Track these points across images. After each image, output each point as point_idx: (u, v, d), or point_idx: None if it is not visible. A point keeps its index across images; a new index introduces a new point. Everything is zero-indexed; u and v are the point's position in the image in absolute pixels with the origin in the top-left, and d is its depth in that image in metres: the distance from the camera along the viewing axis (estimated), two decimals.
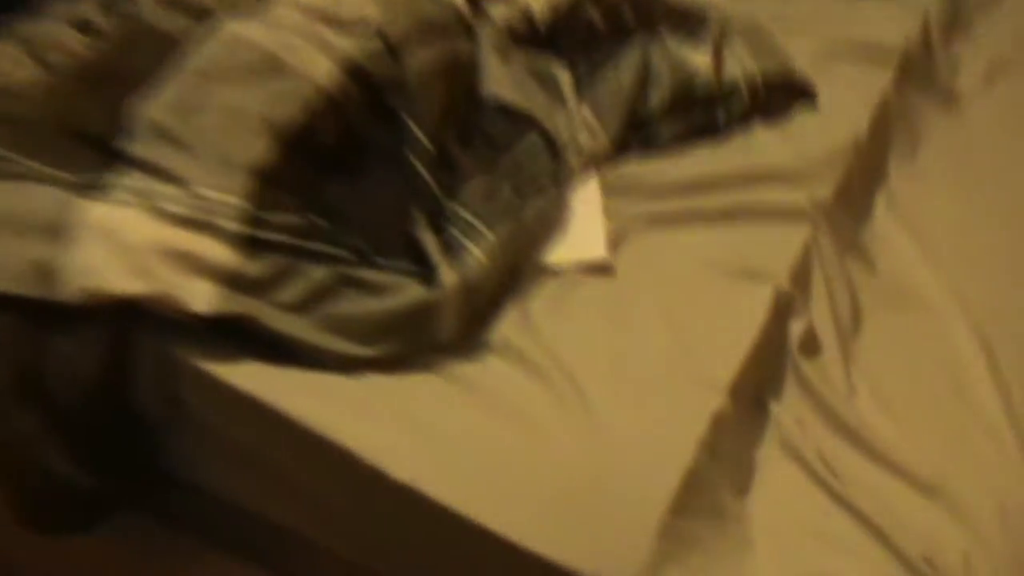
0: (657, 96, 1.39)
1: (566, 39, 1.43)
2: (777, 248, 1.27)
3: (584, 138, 1.34)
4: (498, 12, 1.43)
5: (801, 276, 1.26)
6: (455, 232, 1.20)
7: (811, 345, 1.23)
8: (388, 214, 1.22)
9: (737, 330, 1.18)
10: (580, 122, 1.35)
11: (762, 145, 1.39)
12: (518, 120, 1.32)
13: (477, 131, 1.31)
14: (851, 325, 1.29)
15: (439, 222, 1.22)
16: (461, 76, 1.34)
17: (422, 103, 1.28)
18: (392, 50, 1.29)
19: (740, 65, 1.43)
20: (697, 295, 1.21)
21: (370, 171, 1.25)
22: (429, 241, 1.18)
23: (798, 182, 1.34)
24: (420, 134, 1.26)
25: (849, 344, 1.26)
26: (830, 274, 1.29)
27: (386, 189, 1.24)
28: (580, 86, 1.39)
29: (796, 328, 1.22)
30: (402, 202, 1.23)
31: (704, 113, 1.41)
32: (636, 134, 1.38)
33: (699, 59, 1.43)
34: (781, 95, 1.44)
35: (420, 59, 1.30)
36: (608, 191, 1.32)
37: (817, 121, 1.43)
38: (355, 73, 1.26)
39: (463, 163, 1.27)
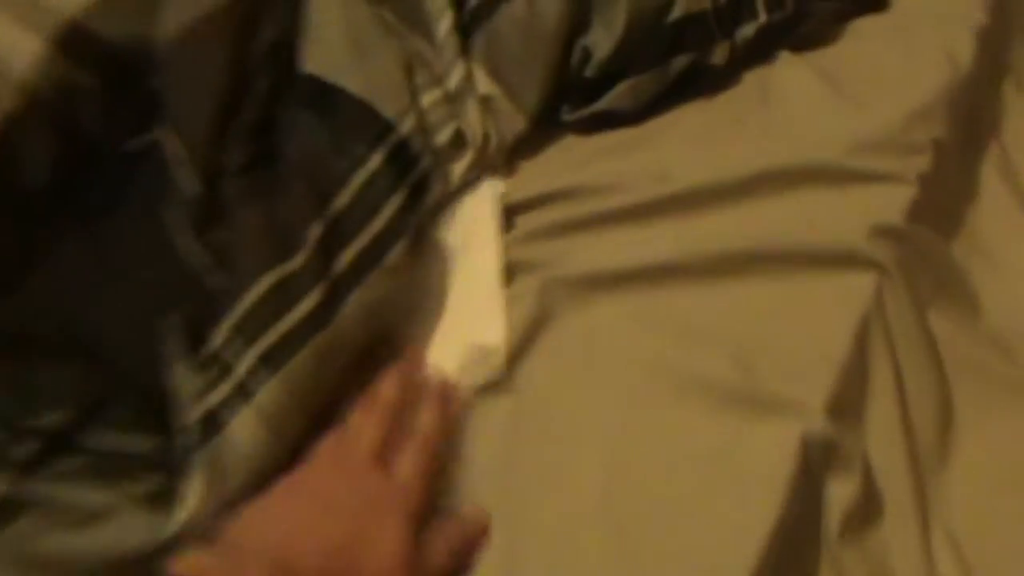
0: (600, 35, 0.79)
1: None
2: (806, 333, 0.71)
3: (472, 122, 0.76)
4: None
5: (852, 379, 0.71)
6: (223, 363, 0.66)
7: (863, 512, 0.69)
8: (129, 320, 0.68)
9: (725, 517, 0.64)
10: (464, 91, 0.77)
11: (791, 106, 0.80)
12: (340, 108, 0.74)
13: (275, 133, 0.75)
14: (936, 439, 0.74)
15: (204, 332, 0.67)
16: (252, 31, 0.76)
17: (184, 95, 0.73)
18: None
19: None
20: (665, 439, 0.67)
21: (110, 226, 0.71)
22: (183, 387, 0.65)
23: (856, 179, 0.76)
24: (182, 157, 0.70)
25: (928, 483, 0.72)
26: (901, 352, 0.74)
27: (137, 261, 0.71)
28: (466, 20, 0.79)
29: (839, 491, 0.68)
30: (154, 292, 0.70)
31: (693, 45, 0.81)
32: (570, 96, 0.80)
33: None
34: (825, 3, 0.84)
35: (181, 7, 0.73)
36: (519, 218, 0.76)
37: (890, 48, 0.83)
38: (78, 44, 0.70)
39: (242, 204, 0.71)
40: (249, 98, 0.74)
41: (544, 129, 0.79)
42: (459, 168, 0.75)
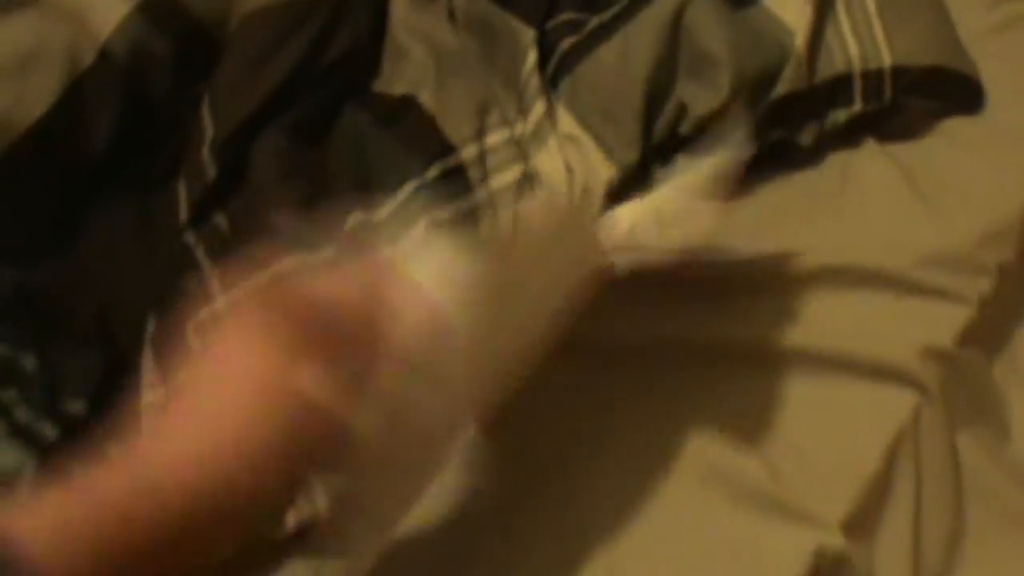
0: (699, 90, 0.78)
1: None
2: (838, 445, 0.72)
3: (551, 159, 0.76)
4: None
5: (873, 496, 0.72)
6: None
7: None
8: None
9: None
10: (543, 132, 0.77)
11: (869, 202, 0.80)
12: (408, 118, 0.75)
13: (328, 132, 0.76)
14: (942, 560, 0.76)
15: None
16: (327, 34, 0.76)
17: (232, 75, 0.73)
18: None
19: (858, 40, 0.81)
20: (682, 527, 0.69)
21: (156, 202, 0.73)
22: None
23: (919, 293, 0.77)
24: (210, 137, 0.72)
25: None
26: (925, 473, 0.75)
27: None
28: (555, 65, 0.79)
29: None
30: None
31: (788, 122, 0.81)
32: (660, 151, 0.80)
33: (795, 13, 0.81)
34: (920, 100, 0.83)
35: None
36: None
37: (977, 157, 0.82)
38: (162, 11, 0.71)
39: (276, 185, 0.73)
40: (304, 97, 0.75)
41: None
42: (533, 207, 0.75)
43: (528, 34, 0.78)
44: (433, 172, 0.72)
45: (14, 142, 0.70)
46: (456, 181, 0.73)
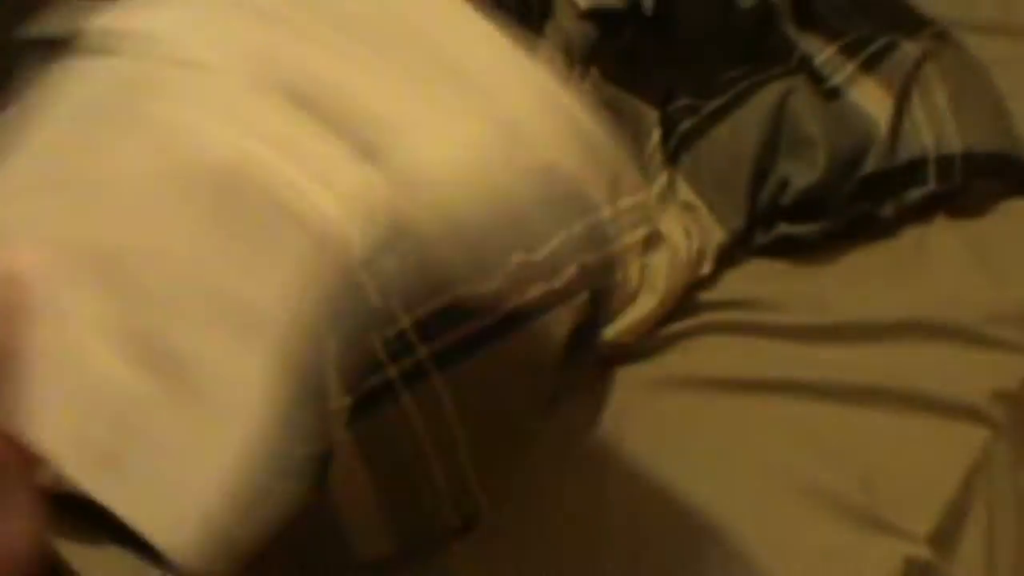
0: (798, 167, 0.92)
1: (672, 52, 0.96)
2: (923, 470, 0.84)
3: (671, 221, 0.89)
4: None
5: (953, 515, 0.84)
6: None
7: None
8: None
9: None
10: (666, 198, 0.90)
11: (941, 267, 0.93)
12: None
13: None
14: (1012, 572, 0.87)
15: None
16: None
17: None
18: None
19: (934, 127, 0.95)
20: (784, 533, 0.81)
21: None
22: None
23: (987, 344, 0.89)
24: None
25: None
26: (996, 499, 0.87)
27: None
28: (676, 142, 0.92)
29: None
30: None
31: (874, 196, 0.94)
32: (762, 220, 0.93)
33: (878, 105, 0.95)
34: (984, 182, 0.96)
35: None
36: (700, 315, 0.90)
37: None
38: None
39: None
40: None
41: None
42: (658, 263, 0.88)
43: (652, 115, 0.92)
44: (579, 226, 0.85)
45: None
46: (596, 236, 0.86)
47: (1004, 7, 1.09)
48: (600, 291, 0.86)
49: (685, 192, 0.91)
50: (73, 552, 0.70)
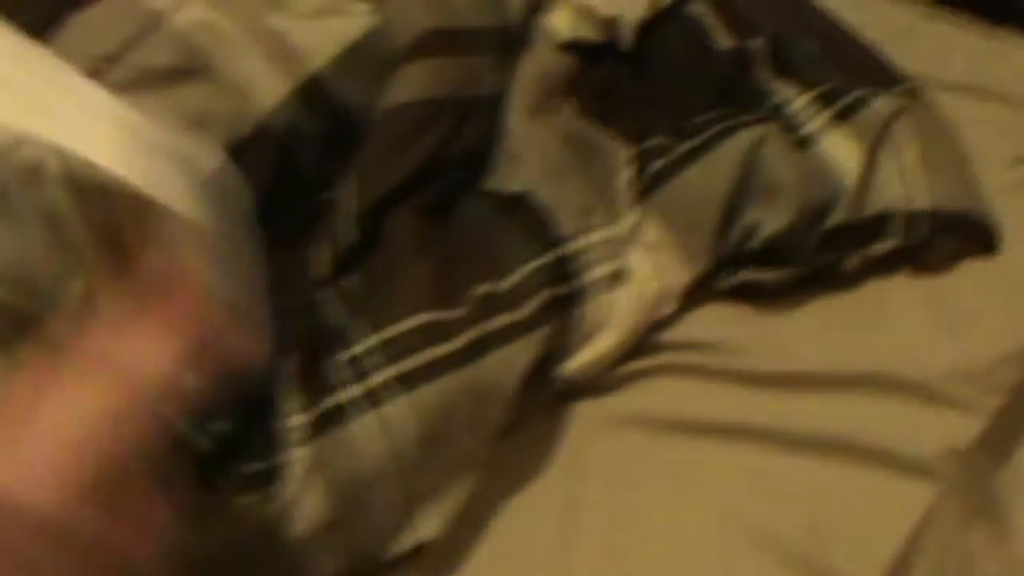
0: (767, 213, 0.92)
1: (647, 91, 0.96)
2: (870, 523, 0.84)
3: (640, 261, 0.90)
4: (561, 21, 0.96)
5: (897, 569, 0.84)
6: (360, 369, 0.78)
7: None
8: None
9: None
10: (634, 237, 0.90)
11: (900, 321, 0.94)
12: (524, 210, 0.88)
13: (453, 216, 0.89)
14: None
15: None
16: (454, 131, 0.90)
17: (376, 157, 0.86)
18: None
19: (904, 183, 0.96)
20: None
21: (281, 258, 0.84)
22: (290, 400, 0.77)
23: (942, 401, 0.89)
24: (351, 209, 0.84)
25: None
26: (940, 556, 0.87)
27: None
28: (647, 181, 0.93)
29: None
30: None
31: (839, 247, 0.95)
32: (726, 264, 0.94)
33: (849, 157, 0.96)
34: (949, 239, 0.97)
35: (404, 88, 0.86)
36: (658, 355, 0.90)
37: (993, 291, 0.96)
38: (316, 95, 0.84)
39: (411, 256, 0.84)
40: (432, 184, 0.87)
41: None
42: (622, 300, 0.88)
43: (624, 152, 0.92)
44: (549, 257, 0.85)
45: None
46: (559, 270, 0.86)
47: (976, 69, 1.10)
48: (563, 324, 0.86)
49: (653, 231, 0.91)
50: None
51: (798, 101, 0.97)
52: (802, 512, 0.84)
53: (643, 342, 0.91)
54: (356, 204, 0.86)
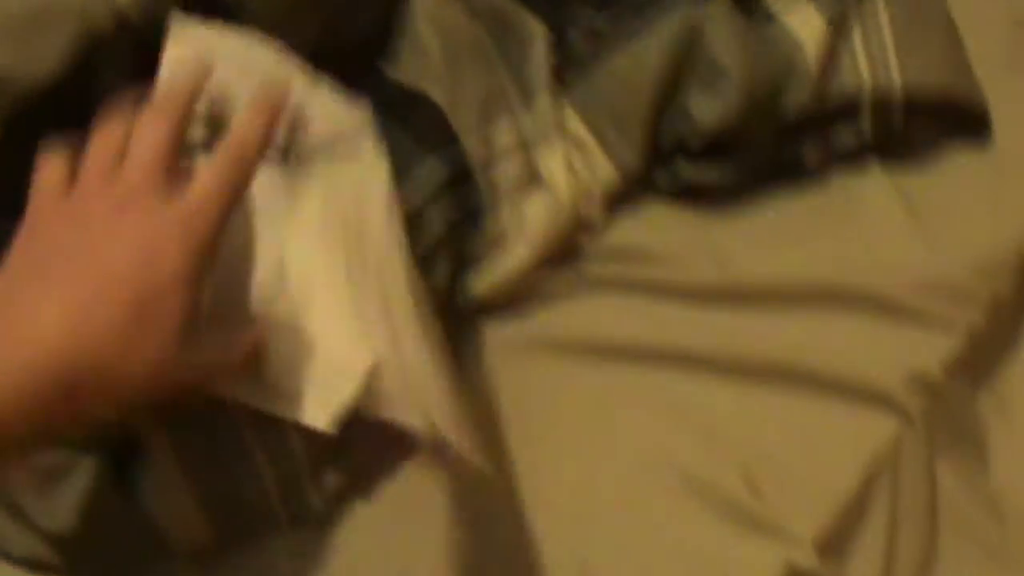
0: (706, 101, 0.78)
1: None
2: (816, 464, 0.73)
3: (555, 160, 0.77)
4: None
5: (848, 518, 0.73)
6: None
7: None
8: None
9: None
10: (549, 130, 0.77)
11: (868, 225, 0.80)
12: (419, 114, 0.75)
13: None
14: None
15: None
16: (348, 17, 0.76)
17: None
18: None
19: (871, 62, 0.81)
20: (655, 531, 0.70)
21: None
22: None
23: (909, 318, 0.77)
24: None
25: None
26: (902, 500, 0.76)
27: None
28: (566, 66, 0.79)
29: None
30: None
31: (795, 140, 0.81)
32: (666, 162, 0.80)
33: (806, 25, 0.81)
34: (928, 125, 0.83)
35: None
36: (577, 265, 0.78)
37: (978, 187, 0.82)
38: None
39: None
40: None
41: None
42: (535, 207, 0.76)
43: (539, 29, 0.78)
44: (446, 164, 0.72)
45: (19, 101, 0.69)
46: (460, 173, 0.73)
47: None
48: (465, 240, 0.74)
49: (575, 125, 0.78)
50: None
51: None
52: (736, 449, 0.73)
53: (564, 254, 0.78)
54: None
